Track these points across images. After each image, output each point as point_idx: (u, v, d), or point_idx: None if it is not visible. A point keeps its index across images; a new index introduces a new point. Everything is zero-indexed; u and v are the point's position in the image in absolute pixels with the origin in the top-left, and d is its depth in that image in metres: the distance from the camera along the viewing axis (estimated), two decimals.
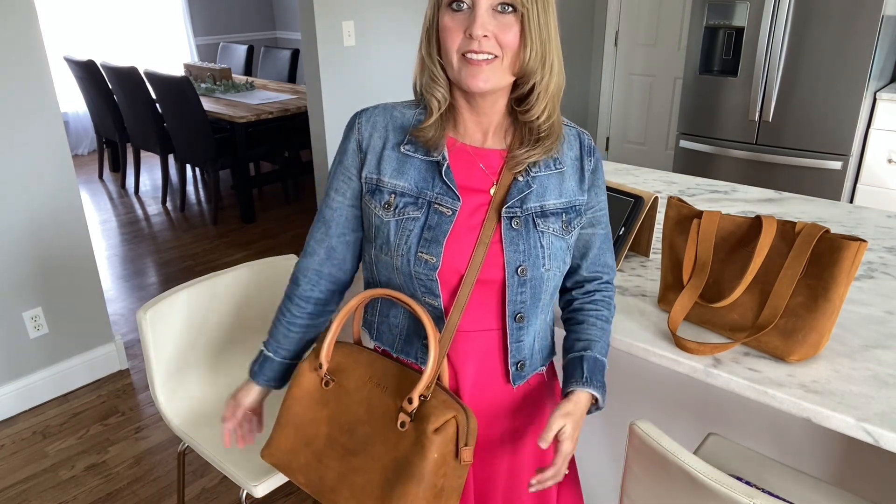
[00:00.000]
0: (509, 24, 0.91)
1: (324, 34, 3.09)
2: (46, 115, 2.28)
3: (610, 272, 1.15)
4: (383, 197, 1.01)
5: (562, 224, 1.03)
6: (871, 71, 2.98)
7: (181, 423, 1.55)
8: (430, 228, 0.98)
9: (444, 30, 0.93)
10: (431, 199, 0.99)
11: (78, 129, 5.84)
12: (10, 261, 2.30)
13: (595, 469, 1.82)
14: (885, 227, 1.71)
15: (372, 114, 1.04)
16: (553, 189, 1.02)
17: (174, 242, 3.97)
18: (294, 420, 1.06)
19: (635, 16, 4.56)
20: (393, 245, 1.00)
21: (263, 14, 6.75)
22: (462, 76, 0.93)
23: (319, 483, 1.03)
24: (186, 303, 1.54)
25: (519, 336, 1.05)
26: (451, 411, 0.94)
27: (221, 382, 1.66)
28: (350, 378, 1.03)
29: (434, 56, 0.97)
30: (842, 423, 1.00)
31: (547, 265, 1.01)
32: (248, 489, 1.38)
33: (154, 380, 1.51)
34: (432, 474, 0.94)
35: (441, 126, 1.00)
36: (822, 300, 1.08)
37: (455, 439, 0.95)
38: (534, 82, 0.95)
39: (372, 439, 0.99)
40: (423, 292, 1.00)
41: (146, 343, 1.47)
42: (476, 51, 0.91)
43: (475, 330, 1.04)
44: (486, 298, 1.02)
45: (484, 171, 1.01)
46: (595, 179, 1.08)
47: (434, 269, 0.98)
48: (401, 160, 1.01)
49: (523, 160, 0.99)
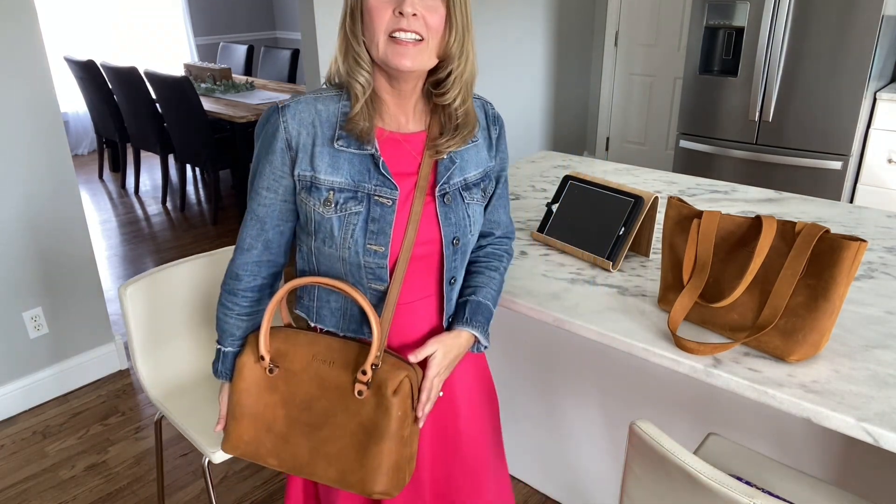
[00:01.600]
0: (436, 7, 0.95)
1: (324, 34, 3.09)
2: (46, 115, 2.28)
3: (501, 228, 1.23)
4: (321, 194, 1.02)
5: (481, 192, 1.13)
6: (871, 71, 2.98)
7: (158, 392, 1.64)
8: (374, 220, 1.03)
9: (371, 9, 0.95)
10: (370, 192, 1.03)
11: (78, 129, 5.84)
12: (10, 261, 2.30)
13: (595, 469, 1.82)
14: (885, 227, 1.71)
15: (296, 110, 1.02)
16: (471, 162, 1.11)
17: (174, 242, 3.97)
18: (248, 411, 1.11)
19: (635, 16, 4.56)
20: (338, 239, 1.03)
21: (263, 14, 6.75)
22: (389, 55, 0.96)
23: (293, 461, 1.10)
24: (167, 282, 1.63)
25: (450, 296, 1.15)
26: (402, 372, 1.04)
27: (197, 357, 1.72)
28: (294, 360, 1.09)
29: (359, 36, 0.98)
30: (842, 423, 1.00)
31: (472, 230, 1.12)
32: (208, 455, 1.47)
33: (134, 351, 1.61)
34: (399, 429, 1.04)
35: (369, 115, 1.01)
36: (822, 300, 1.08)
37: (411, 395, 1.06)
38: (451, 68, 1.00)
39: (332, 411, 1.07)
40: (371, 278, 1.06)
41: (126, 317, 1.57)
42: (405, 29, 0.94)
43: (416, 300, 1.12)
44: (425, 270, 1.10)
45: (410, 153, 1.06)
46: (499, 144, 1.17)
47: (384, 257, 1.04)
48: (334, 156, 1.02)
49: (444, 149, 1.06)
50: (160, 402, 1.61)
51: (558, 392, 1.82)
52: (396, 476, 1.06)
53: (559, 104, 4.72)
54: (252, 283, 1.12)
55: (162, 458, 2.00)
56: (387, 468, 1.05)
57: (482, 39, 3.94)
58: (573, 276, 1.46)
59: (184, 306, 1.67)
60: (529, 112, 4.49)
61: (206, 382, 1.68)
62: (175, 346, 1.68)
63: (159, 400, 1.62)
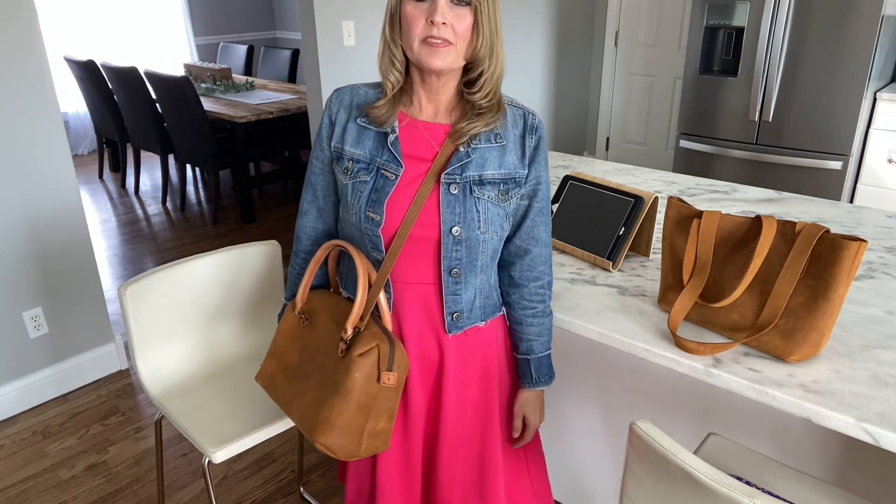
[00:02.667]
0: (464, 15, 1.06)
1: (324, 34, 3.09)
2: (46, 115, 2.28)
3: (541, 247, 1.22)
4: (343, 163, 1.17)
5: (499, 193, 1.14)
6: (871, 71, 2.98)
7: (158, 392, 1.65)
8: (376, 191, 1.13)
9: (408, 17, 1.06)
10: (379, 165, 1.14)
11: (78, 129, 5.84)
12: (10, 261, 2.30)
13: (595, 469, 1.82)
14: (885, 227, 1.71)
15: (342, 92, 1.19)
16: (493, 161, 1.14)
17: (174, 242, 3.97)
18: (277, 350, 1.31)
19: (635, 16, 4.56)
20: (350, 204, 1.15)
21: (263, 14, 6.75)
22: (422, 56, 1.07)
23: (283, 398, 1.26)
24: (167, 282, 1.64)
25: (455, 290, 1.18)
26: (375, 340, 1.12)
27: (197, 357, 1.72)
28: (319, 317, 1.24)
29: (397, 40, 1.10)
30: (842, 423, 1.00)
31: (482, 228, 1.13)
32: (208, 455, 1.47)
33: (134, 351, 1.62)
34: (356, 391, 1.12)
35: (393, 105, 1.14)
36: (822, 300, 1.08)
37: (377, 364, 1.12)
38: (481, 69, 1.10)
39: (325, 363, 1.19)
40: (371, 247, 1.15)
41: (126, 317, 1.58)
42: (435, 36, 1.05)
43: (415, 282, 1.17)
44: (423, 254, 1.15)
45: (430, 142, 1.14)
46: (536, 155, 1.18)
47: (378, 225, 1.12)
48: (359, 131, 1.16)
49: (465, 131, 1.12)
50: (160, 402, 1.61)
51: (558, 392, 1.82)
52: (345, 438, 1.13)
53: (559, 104, 4.72)
54: (309, 246, 1.29)
55: (162, 458, 2.00)
56: (334, 424, 1.12)
57: None
58: (573, 276, 1.46)
59: (184, 306, 1.67)
60: None
61: (207, 382, 1.68)
62: (175, 346, 1.68)
63: (159, 400, 1.62)
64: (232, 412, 1.57)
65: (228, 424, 1.53)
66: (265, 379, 1.32)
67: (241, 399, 1.62)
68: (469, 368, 1.25)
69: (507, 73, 4.20)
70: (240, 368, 1.73)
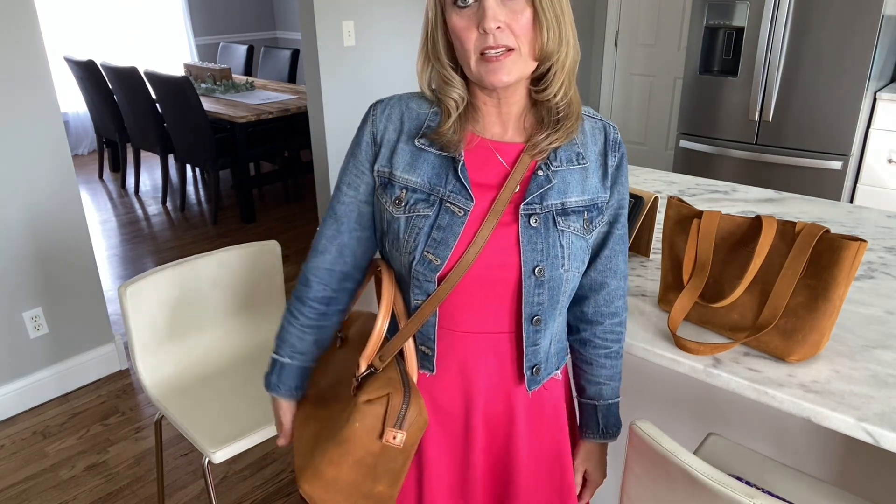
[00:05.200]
0: (520, 8, 0.86)
1: (324, 34, 3.09)
2: (46, 115, 2.28)
3: (619, 279, 1.06)
4: (394, 192, 0.95)
5: (583, 223, 0.97)
6: (871, 71, 2.98)
7: (158, 392, 1.64)
8: (439, 228, 0.93)
9: (456, 29, 0.88)
10: (443, 197, 0.93)
11: (78, 129, 5.84)
12: (10, 261, 2.30)
13: None
14: (885, 227, 1.71)
15: (387, 105, 0.98)
16: (576, 185, 0.96)
17: (174, 242, 3.97)
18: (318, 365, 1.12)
19: (635, 16, 4.56)
20: (402, 242, 0.94)
21: (263, 14, 6.75)
22: (483, 74, 0.88)
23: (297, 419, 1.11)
24: (167, 282, 1.63)
25: (535, 339, 0.99)
26: (387, 389, 0.94)
27: (197, 357, 1.73)
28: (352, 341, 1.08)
29: (443, 59, 0.92)
30: (842, 423, 1.00)
31: (566, 265, 0.95)
32: (208, 455, 1.47)
33: (134, 351, 1.61)
34: (354, 444, 0.94)
35: (460, 126, 0.94)
36: (822, 300, 1.08)
37: (383, 418, 0.94)
38: (551, 62, 0.90)
39: (339, 396, 1.02)
40: (418, 294, 0.95)
41: (126, 317, 1.57)
42: (493, 46, 0.85)
43: (487, 332, 0.98)
44: (498, 300, 0.96)
45: (501, 163, 0.95)
46: (618, 176, 1.01)
47: (436, 270, 0.93)
48: (414, 154, 0.95)
49: (546, 147, 0.94)
50: (160, 402, 1.61)
51: None
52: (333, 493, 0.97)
53: None
54: (321, 293, 1.04)
55: (162, 458, 2.01)
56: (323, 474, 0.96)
57: None
58: None
59: (184, 306, 1.67)
60: None
61: (207, 382, 1.68)
62: (175, 346, 1.68)
63: (159, 400, 1.62)
64: (232, 412, 1.57)
65: (228, 424, 1.53)
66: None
67: (241, 399, 1.62)
68: (543, 426, 1.07)
69: None
70: (240, 368, 1.73)
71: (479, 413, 1.02)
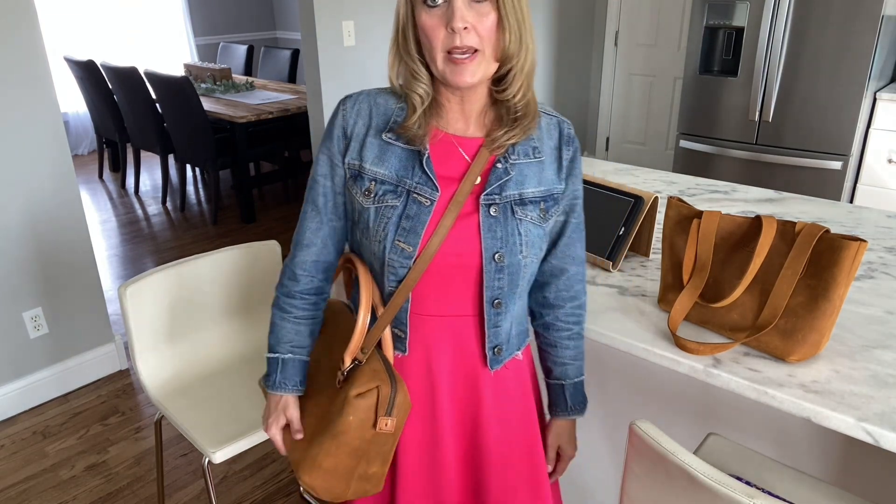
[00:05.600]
0: (486, 12, 0.92)
1: (324, 34, 3.09)
2: (46, 115, 2.28)
3: (578, 265, 1.14)
4: (364, 183, 1.01)
5: (539, 212, 1.04)
6: (871, 71, 2.98)
7: (157, 392, 1.64)
8: (408, 217, 0.99)
9: (426, 28, 0.93)
10: (410, 188, 1.00)
11: (78, 129, 5.84)
12: (10, 261, 2.30)
13: (595, 469, 1.82)
14: (885, 227, 1.71)
15: (357, 100, 1.03)
16: (532, 177, 1.03)
17: (174, 242, 3.97)
18: None
19: (635, 16, 4.56)
20: (372, 231, 1.01)
21: (263, 14, 6.75)
22: (448, 74, 0.94)
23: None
24: (167, 282, 1.63)
25: (496, 321, 1.05)
26: (375, 381, 1.00)
27: (197, 357, 1.73)
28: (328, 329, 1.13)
29: (413, 55, 0.97)
30: (842, 423, 1.00)
31: (524, 252, 1.02)
32: (208, 455, 1.47)
33: (134, 351, 1.61)
34: (349, 435, 1.00)
35: (425, 121, 1.00)
36: (822, 300, 1.08)
37: (375, 408, 1.00)
38: (511, 65, 0.96)
39: (323, 387, 1.08)
40: (392, 280, 1.01)
41: (126, 317, 1.57)
42: (459, 47, 0.91)
43: (452, 315, 1.05)
44: (462, 285, 1.03)
45: (463, 156, 1.02)
46: (572, 168, 1.08)
47: (409, 257, 0.99)
48: (382, 147, 1.01)
49: (504, 143, 1.00)
50: (160, 402, 1.61)
51: None
52: (332, 480, 1.03)
53: (559, 104, 4.72)
54: (310, 284, 1.08)
55: (162, 458, 2.01)
56: (321, 465, 1.02)
57: None
58: None
59: (184, 306, 1.67)
60: None
61: (206, 382, 1.68)
62: (175, 346, 1.68)
63: (159, 400, 1.62)
64: (232, 412, 1.57)
65: (228, 424, 1.53)
66: None
67: (240, 399, 1.62)
68: (510, 406, 1.13)
69: None
70: (240, 368, 1.73)
71: (445, 393, 1.08)
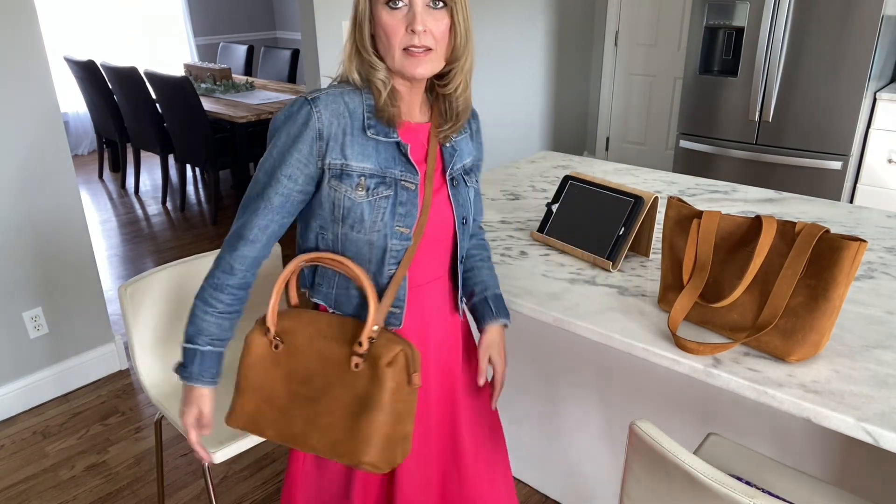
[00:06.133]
0: (441, 17, 1.04)
1: (324, 34, 3.09)
2: (46, 115, 2.28)
3: (479, 214, 1.33)
4: (353, 180, 1.07)
5: (473, 178, 1.24)
6: (871, 71, 2.98)
7: (158, 392, 1.64)
8: (401, 204, 1.10)
9: (385, 26, 1.04)
10: (397, 178, 1.09)
11: (78, 129, 5.84)
12: (10, 261, 2.30)
13: (595, 469, 1.82)
14: (885, 227, 1.71)
15: (326, 101, 1.07)
16: (465, 151, 1.21)
17: (174, 242, 3.97)
18: (252, 385, 1.15)
19: (635, 16, 4.56)
20: (368, 223, 1.08)
21: (263, 14, 6.75)
22: (404, 66, 1.05)
23: (288, 432, 1.13)
24: (167, 282, 1.64)
25: (463, 274, 1.27)
26: (398, 346, 1.08)
27: None
28: (298, 337, 1.13)
29: (368, 48, 1.07)
30: (842, 423, 1.00)
31: (474, 212, 1.24)
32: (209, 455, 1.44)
33: (134, 351, 1.61)
34: (391, 401, 1.07)
35: (392, 103, 1.09)
36: (822, 300, 1.08)
37: (406, 368, 1.09)
38: (454, 65, 1.10)
39: (329, 385, 1.11)
40: (392, 262, 1.11)
41: (126, 317, 1.58)
42: (416, 46, 1.03)
43: (429, 281, 1.20)
44: (440, 252, 1.19)
45: (422, 142, 1.15)
46: (479, 137, 1.28)
47: (408, 239, 1.11)
48: (364, 144, 1.08)
49: (449, 134, 1.16)
50: (160, 402, 1.61)
51: (558, 392, 1.82)
52: (387, 450, 1.08)
53: (559, 104, 4.72)
54: (243, 279, 1.10)
55: (162, 458, 2.01)
56: (377, 440, 1.07)
57: (482, 40, 3.94)
58: (573, 276, 1.47)
59: (184, 306, 1.67)
60: (529, 112, 4.49)
61: None
62: (175, 346, 1.68)
63: (159, 400, 1.62)
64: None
65: None
66: (244, 420, 1.16)
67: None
68: (469, 346, 1.34)
69: (507, 73, 4.20)
70: None
71: (433, 355, 1.23)
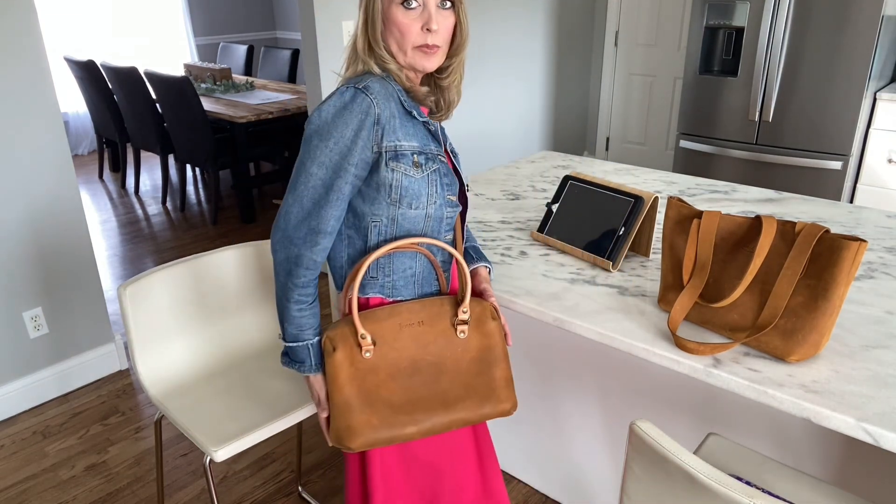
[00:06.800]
0: (448, 16, 1.14)
1: (324, 34, 3.09)
2: (46, 115, 2.28)
3: None
4: (409, 158, 1.15)
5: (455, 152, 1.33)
6: (871, 71, 2.98)
7: (157, 392, 1.64)
8: (447, 175, 1.21)
9: (400, 25, 1.11)
10: (435, 153, 1.19)
11: (78, 129, 5.83)
12: (10, 261, 2.30)
13: (595, 469, 1.82)
14: (885, 227, 1.71)
15: (375, 88, 1.13)
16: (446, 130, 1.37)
17: (174, 242, 3.97)
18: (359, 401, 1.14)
19: (635, 16, 4.56)
20: (425, 197, 1.17)
21: (263, 14, 6.75)
22: (416, 60, 1.15)
23: (430, 421, 1.15)
24: (167, 281, 1.64)
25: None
26: (484, 304, 1.22)
27: (197, 357, 1.72)
28: (384, 335, 1.16)
29: (380, 42, 1.14)
30: (842, 423, 1.00)
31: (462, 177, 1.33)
32: (210, 454, 1.46)
33: (134, 351, 1.61)
34: (504, 348, 1.22)
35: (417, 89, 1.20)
36: (822, 300, 1.08)
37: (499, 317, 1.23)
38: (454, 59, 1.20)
39: (441, 362, 1.17)
40: (447, 230, 1.23)
41: (126, 317, 1.58)
42: (430, 44, 1.12)
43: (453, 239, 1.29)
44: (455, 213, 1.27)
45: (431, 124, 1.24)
46: None
47: (456, 206, 1.23)
48: (405, 125, 1.16)
49: (442, 119, 1.27)
50: (160, 402, 1.61)
51: (558, 392, 1.82)
52: (513, 391, 1.22)
53: (559, 104, 4.72)
54: (319, 270, 1.17)
55: (162, 458, 2.00)
56: (507, 383, 1.20)
57: (482, 40, 3.94)
58: (573, 276, 1.47)
59: (184, 306, 1.67)
60: (529, 112, 4.49)
61: (207, 382, 1.68)
62: (175, 345, 1.68)
63: (159, 400, 1.62)
64: (232, 411, 1.57)
65: (229, 423, 1.53)
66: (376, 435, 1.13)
67: (241, 398, 1.62)
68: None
69: (507, 73, 4.21)
70: (240, 368, 1.73)
71: None
